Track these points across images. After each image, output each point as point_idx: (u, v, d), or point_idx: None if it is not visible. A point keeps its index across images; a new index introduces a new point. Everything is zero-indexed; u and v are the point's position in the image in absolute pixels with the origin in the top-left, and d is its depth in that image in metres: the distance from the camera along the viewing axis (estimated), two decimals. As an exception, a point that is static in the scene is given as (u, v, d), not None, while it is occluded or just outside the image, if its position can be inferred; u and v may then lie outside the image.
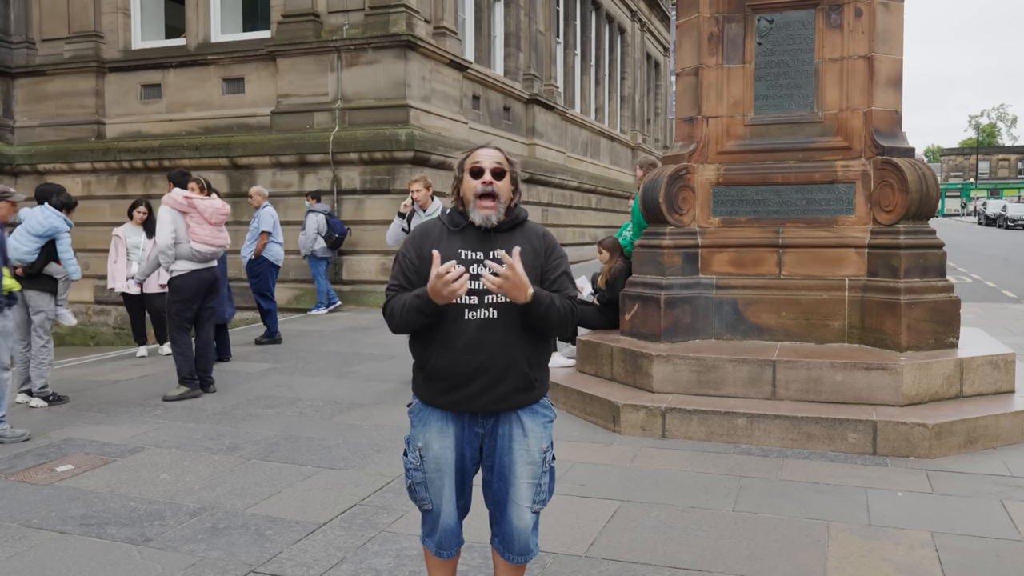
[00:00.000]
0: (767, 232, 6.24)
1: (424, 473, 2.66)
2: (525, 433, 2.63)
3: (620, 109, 27.55)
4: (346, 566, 3.46)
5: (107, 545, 3.71)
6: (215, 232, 6.94)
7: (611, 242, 7.37)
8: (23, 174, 14.52)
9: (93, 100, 14.43)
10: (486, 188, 2.57)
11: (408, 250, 2.67)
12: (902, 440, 4.94)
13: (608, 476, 4.65)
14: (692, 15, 6.47)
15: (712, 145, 6.43)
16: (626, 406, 5.55)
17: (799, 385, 5.47)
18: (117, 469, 4.85)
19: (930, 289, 5.74)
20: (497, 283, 2.42)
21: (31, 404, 6.55)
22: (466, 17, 16.01)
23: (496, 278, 2.41)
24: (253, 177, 13.08)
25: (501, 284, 2.42)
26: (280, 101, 13.21)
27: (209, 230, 6.89)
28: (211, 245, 6.89)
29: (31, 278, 6.64)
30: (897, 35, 6.05)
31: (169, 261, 6.80)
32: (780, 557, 3.54)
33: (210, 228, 6.90)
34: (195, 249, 6.79)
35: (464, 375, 2.55)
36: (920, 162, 5.98)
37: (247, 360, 8.56)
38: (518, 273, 2.42)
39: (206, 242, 6.85)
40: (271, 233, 9.61)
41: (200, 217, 6.84)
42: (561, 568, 3.43)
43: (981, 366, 5.57)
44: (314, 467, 4.86)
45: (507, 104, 17.30)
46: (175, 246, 6.75)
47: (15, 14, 14.76)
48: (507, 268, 2.41)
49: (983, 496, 4.27)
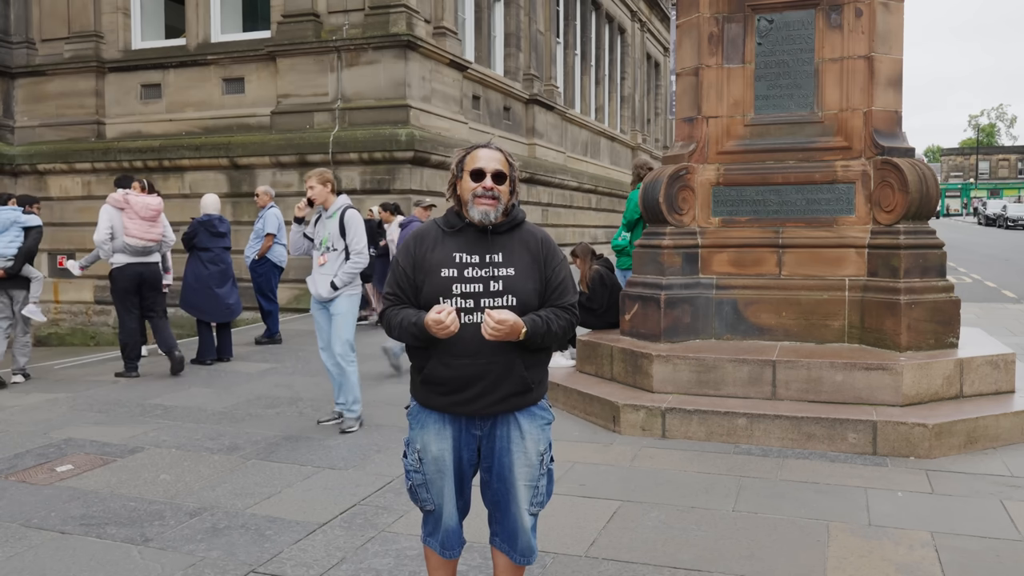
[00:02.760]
0: (767, 232, 6.24)
1: (424, 475, 2.66)
2: (522, 435, 2.63)
3: (620, 109, 27.54)
4: (346, 566, 3.46)
5: (107, 545, 3.71)
6: (147, 227, 7.56)
7: (580, 248, 7.50)
8: (23, 174, 14.52)
9: (93, 100, 14.43)
10: (487, 192, 2.56)
11: (402, 258, 2.65)
12: (902, 440, 4.94)
13: (608, 476, 4.65)
14: (692, 15, 6.47)
15: (712, 145, 6.43)
16: (626, 406, 5.55)
17: (799, 385, 5.47)
18: (117, 469, 4.85)
19: (930, 289, 5.74)
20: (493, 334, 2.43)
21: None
22: (466, 17, 16.01)
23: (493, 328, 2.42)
24: (253, 177, 13.08)
25: (495, 336, 2.44)
26: (280, 101, 13.21)
27: (141, 225, 7.52)
28: (142, 239, 7.53)
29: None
30: (897, 35, 6.05)
31: (108, 254, 7.54)
32: (780, 557, 3.53)
33: (142, 223, 7.52)
34: (127, 243, 7.46)
35: (462, 379, 2.55)
36: (920, 162, 5.98)
37: (247, 360, 8.56)
38: (510, 323, 2.43)
39: (138, 236, 7.49)
40: (276, 235, 9.61)
41: (133, 212, 7.47)
42: (561, 568, 3.43)
43: (981, 366, 5.57)
44: (314, 467, 4.86)
45: (507, 104, 17.30)
46: (111, 240, 7.46)
47: (15, 14, 14.76)
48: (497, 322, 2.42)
49: (983, 496, 4.26)
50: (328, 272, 5.65)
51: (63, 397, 6.85)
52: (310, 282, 5.74)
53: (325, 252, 5.70)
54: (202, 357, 8.32)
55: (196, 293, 8.19)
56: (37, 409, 6.43)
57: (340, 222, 5.70)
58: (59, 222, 13.92)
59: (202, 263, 8.22)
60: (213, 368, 8.13)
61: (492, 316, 2.42)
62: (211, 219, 8.36)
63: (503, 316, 2.42)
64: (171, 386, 7.24)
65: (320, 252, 5.72)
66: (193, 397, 6.80)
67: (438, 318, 2.42)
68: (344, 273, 5.63)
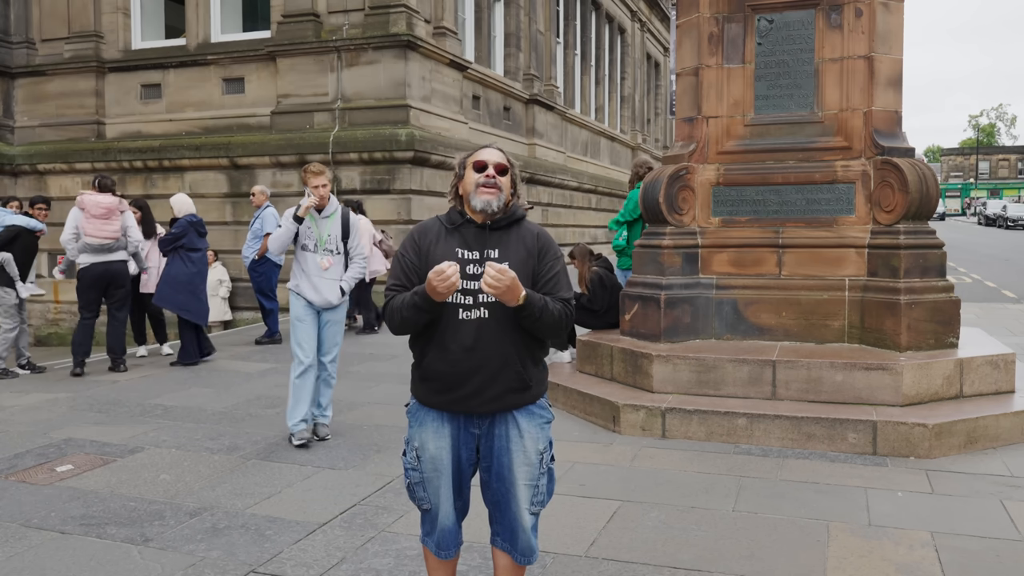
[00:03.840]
0: (767, 232, 6.24)
1: (422, 473, 2.67)
2: (521, 434, 2.63)
3: (620, 109, 27.54)
4: (346, 566, 3.46)
5: (107, 545, 3.71)
6: (100, 225, 7.70)
7: (578, 250, 7.52)
8: (23, 174, 14.51)
9: (93, 100, 14.42)
10: (489, 180, 2.59)
11: (407, 250, 2.68)
12: (902, 440, 4.94)
13: (608, 476, 4.65)
14: (692, 15, 6.47)
15: (712, 145, 6.43)
16: (626, 406, 5.55)
17: (799, 385, 5.47)
18: (117, 469, 4.85)
19: (930, 289, 5.74)
20: (492, 283, 2.41)
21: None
22: (466, 17, 16.00)
23: (494, 277, 2.40)
24: (253, 177, 13.08)
25: (495, 285, 2.41)
26: (280, 101, 13.21)
27: (94, 223, 7.67)
28: (96, 237, 7.68)
29: None
30: (897, 35, 6.05)
31: (74, 254, 7.76)
32: (780, 557, 3.54)
33: (95, 221, 7.67)
34: (87, 242, 7.68)
35: (458, 375, 2.56)
36: (920, 162, 5.98)
37: (247, 360, 8.57)
38: (511, 276, 2.42)
39: (92, 235, 7.67)
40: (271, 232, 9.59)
41: (87, 212, 7.68)
42: (561, 568, 3.43)
43: (981, 366, 5.57)
44: (314, 467, 4.86)
45: (507, 104, 17.30)
46: (77, 241, 7.68)
47: (15, 14, 14.75)
48: (498, 271, 2.40)
49: (983, 496, 4.27)
50: (334, 276, 5.33)
51: (63, 397, 6.85)
52: (308, 288, 5.28)
53: (327, 255, 5.33)
54: (191, 358, 8.28)
55: (183, 293, 8.18)
56: (37, 409, 6.43)
57: (344, 224, 5.44)
58: (59, 222, 13.82)
59: (191, 262, 8.20)
60: (213, 368, 8.13)
61: (493, 266, 2.42)
62: (199, 220, 8.39)
63: (504, 267, 2.43)
64: (171, 386, 7.24)
65: (319, 255, 5.32)
66: (193, 397, 6.80)
67: (439, 267, 2.41)
68: (351, 278, 5.40)
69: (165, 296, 8.19)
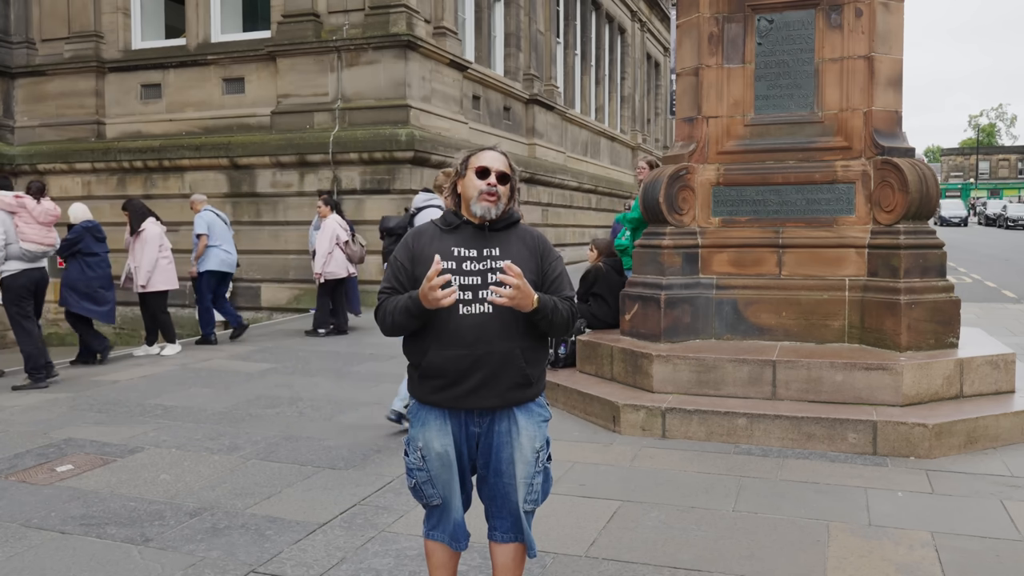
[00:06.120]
0: (767, 232, 6.24)
1: (429, 471, 2.66)
2: (519, 431, 2.64)
3: (620, 109, 27.54)
4: (346, 566, 3.46)
5: (107, 545, 3.71)
6: (44, 232, 7.45)
7: (603, 243, 7.48)
8: (23, 174, 14.49)
9: (93, 100, 14.42)
10: (491, 188, 2.59)
11: (400, 254, 2.69)
12: (902, 440, 4.94)
13: (608, 476, 4.65)
14: (692, 15, 6.47)
15: (712, 145, 6.43)
16: (626, 406, 5.55)
17: (799, 385, 5.47)
18: (117, 469, 4.85)
19: (930, 289, 5.74)
20: (509, 295, 2.43)
21: None
22: (466, 17, 16.00)
23: (507, 290, 2.42)
24: (253, 177, 13.09)
25: (513, 296, 2.43)
26: (280, 101, 13.21)
27: (38, 230, 7.39)
28: (40, 244, 7.40)
29: None
30: (897, 35, 6.05)
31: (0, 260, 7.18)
32: (780, 557, 3.54)
33: (39, 228, 7.40)
34: (25, 249, 7.27)
35: (460, 370, 2.55)
36: (920, 162, 5.98)
37: (247, 360, 8.57)
38: (525, 282, 2.45)
39: (35, 241, 7.35)
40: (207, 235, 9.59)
41: (29, 217, 7.33)
42: (561, 568, 3.43)
43: (981, 366, 5.57)
44: (314, 467, 4.86)
45: (507, 104, 17.30)
46: (6, 247, 7.14)
47: (15, 14, 14.76)
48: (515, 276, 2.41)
49: (983, 496, 4.26)
50: None
51: (63, 397, 6.85)
52: None
53: None
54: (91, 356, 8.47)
55: (86, 296, 8.22)
56: (37, 409, 6.43)
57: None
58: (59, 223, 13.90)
59: (89, 267, 8.25)
60: (213, 368, 8.13)
61: (512, 269, 2.42)
62: (96, 225, 8.42)
63: (517, 269, 2.43)
64: (171, 386, 7.23)
65: None
66: (193, 397, 6.80)
67: (430, 273, 2.41)
68: None
69: (69, 300, 8.25)
